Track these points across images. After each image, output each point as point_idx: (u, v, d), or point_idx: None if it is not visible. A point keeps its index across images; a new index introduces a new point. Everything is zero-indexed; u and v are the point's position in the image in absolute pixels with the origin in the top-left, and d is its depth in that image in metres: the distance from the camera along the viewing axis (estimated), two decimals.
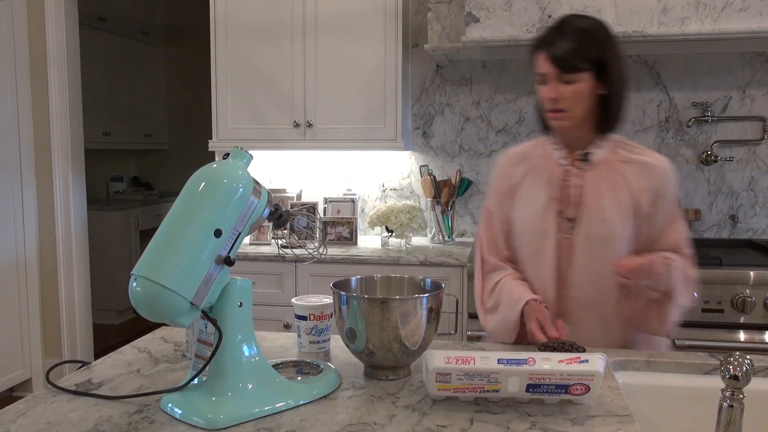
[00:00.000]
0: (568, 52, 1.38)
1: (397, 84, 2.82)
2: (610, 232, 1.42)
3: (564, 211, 1.46)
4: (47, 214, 3.47)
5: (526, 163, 1.54)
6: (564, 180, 1.47)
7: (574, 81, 1.39)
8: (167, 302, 0.97)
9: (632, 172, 1.44)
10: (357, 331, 1.17)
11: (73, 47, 3.47)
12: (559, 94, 1.39)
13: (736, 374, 0.95)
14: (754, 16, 2.34)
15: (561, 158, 1.49)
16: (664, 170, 1.44)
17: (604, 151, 1.46)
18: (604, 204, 1.43)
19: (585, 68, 1.38)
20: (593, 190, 1.44)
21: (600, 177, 1.45)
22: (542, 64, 1.42)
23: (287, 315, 2.63)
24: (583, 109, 1.41)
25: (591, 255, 1.43)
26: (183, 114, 5.83)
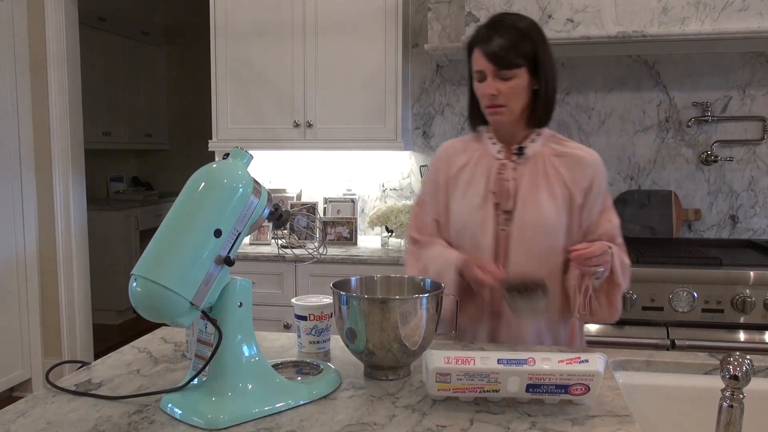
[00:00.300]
0: (504, 49, 1.42)
1: (397, 84, 2.82)
2: (545, 222, 1.46)
3: (501, 203, 1.49)
4: (47, 214, 3.47)
5: (464, 156, 1.57)
6: (500, 173, 1.51)
7: (512, 77, 1.43)
8: (167, 302, 0.97)
9: (565, 165, 1.49)
10: (357, 331, 1.17)
11: (73, 47, 3.47)
12: (497, 90, 1.43)
13: (736, 374, 0.95)
14: (754, 16, 2.34)
15: (497, 152, 1.53)
16: (595, 163, 1.50)
17: (537, 145, 1.51)
18: (539, 195, 1.47)
19: (521, 64, 1.43)
20: (528, 183, 1.48)
21: (534, 170, 1.49)
22: (479, 61, 1.45)
23: (287, 315, 2.63)
24: (520, 104, 1.46)
25: (527, 245, 1.47)
26: (183, 114, 5.83)
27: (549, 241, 1.46)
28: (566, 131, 2.98)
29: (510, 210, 1.48)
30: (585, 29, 2.44)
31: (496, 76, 1.43)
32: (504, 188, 1.49)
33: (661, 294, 2.30)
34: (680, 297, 2.28)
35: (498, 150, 1.54)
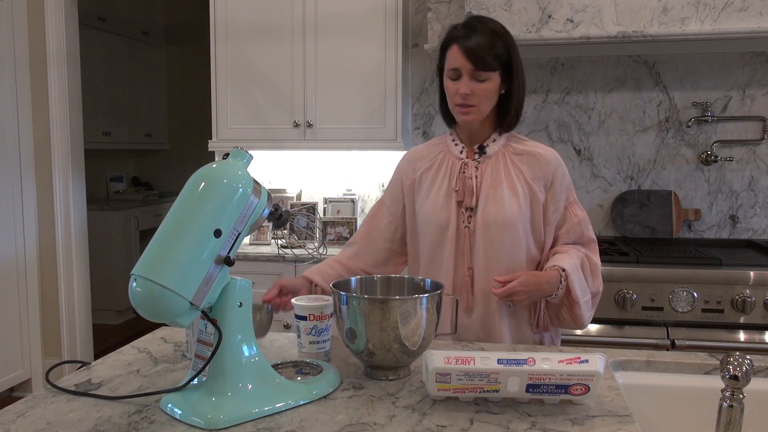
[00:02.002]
0: (483, 48, 1.45)
1: (397, 84, 2.82)
2: (507, 218, 1.48)
3: (463, 201, 1.52)
4: (47, 214, 3.47)
5: (426, 160, 1.61)
6: (462, 172, 1.54)
7: (486, 79, 1.46)
8: (167, 302, 0.97)
9: (524, 162, 1.53)
10: (357, 331, 1.17)
11: (73, 47, 3.47)
12: (471, 90, 1.45)
13: (736, 374, 0.95)
14: (754, 16, 2.34)
15: (459, 152, 1.57)
16: (554, 160, 1.54)
17: (498, 145, 1.55)
18: (501, 192, 1.50)
19: (496, 68, 1.46)
20: (490, 180, 1.52)
21: (496, 167, 1.53)
22: (457, 58, 1.46)
23: (287, 315, 2.63)
24: (489, 106, 1.50)
25: (490, 241, 1.49)
26: (183, 114, 5.83)
27: (512, 236, 1.49)
28: (566, 131, 2.98)
29: (472, 207, 1.52)
30: (585, 29, 2.44)
31: (471, 76, 1.46)
32: (467, 185, 1.52)
33: (661, 294, 2.30)
34: (680, 297, 2.28)
35: (460, 150, 1.57)
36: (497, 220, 1.49)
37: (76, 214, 3.52)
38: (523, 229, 1.50)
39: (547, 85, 2.99)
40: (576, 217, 1.55)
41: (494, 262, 1.49)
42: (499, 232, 1.49)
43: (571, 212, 1.55)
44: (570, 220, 1.55)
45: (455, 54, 1.47)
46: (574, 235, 1.55)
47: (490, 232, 1.49)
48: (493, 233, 1.49)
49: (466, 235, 1.52)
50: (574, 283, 1.45)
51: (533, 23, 2.47)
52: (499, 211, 1.49)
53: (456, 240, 1.53)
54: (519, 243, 1.50)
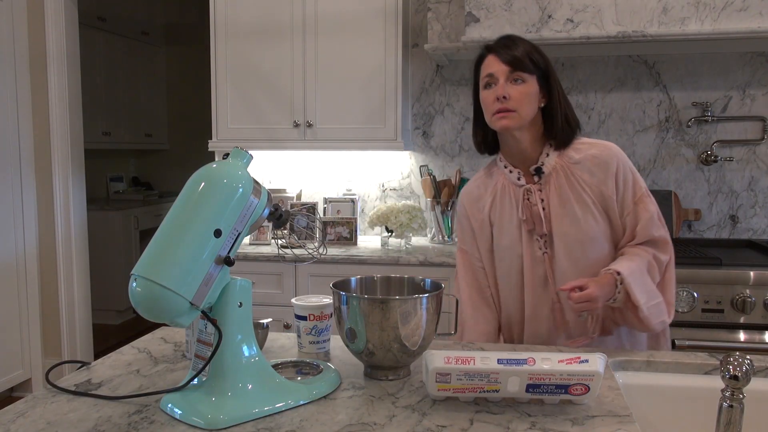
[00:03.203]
0: (521, 53, 1.42)
1: (397, 84, 2.82)
2: (585, 235, 1.44)
3: (535, 229, 1.47)
4: (47, 214, 3.47)
5: (487, 195, 1.55)
6: (527, 199, 1.48)
7: (523, 81, 1.42)
8: (167, 302, 0.97)
9: (585, 170, 1.45)
10: (357, 331, 1.17)
11: (73, 47, 3.47)
12: (508, 92, 1.41)
13: (736, 374, 0.95)
14: (754, 16, 2.34)
15: (517, 179, 1.51)
16: (611, 156, 1.46)
17: (552, 159, 1.48)
18: (571, 209, 1.44)
19: (533, 71, 1.43)
20: (557, 200, 1.46)
21: (559, 185, 1.47)
22: (492, 65, 1.44)
23: (287, 315, 2.63)
24: (528, 112, 1.43)
25: (572, 262, 1.45)
26: (183, 114, 5.83)
27: (594, 252, 1.44)
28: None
29: (546, 233, 1.46)
30: (585, 29, 2.44)
31: (508, 79, 1.41)
32: (534, 213, 1.47)
33: None
34: (680, 297, 2.28)
35: (517, 177, 1.51)
36: (577, 239, 1.44)
37: (76, 214, 3.52)
38: (605, 240, 1.45)
39: None
40: (647, 213, 1.45)
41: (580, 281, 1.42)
42: (580, 251, 1.44)
43: (643, 207, 1.46)
44: (642, 216, 1.45)
45: (490, 62, 1.44)
46: (645, 233, 1.45)
47: (570, 254, 1.44)
48: (576, 253, 1.44)
49: (545, 260, 1.47)
50: (632, 286, 1.35)
51: (533, 23, 2.47)
52: (575, 230, 1.44)
53: (533, 269, 1.48)
54: (602, 257, 1.45)
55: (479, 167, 3.07)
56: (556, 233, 1.46)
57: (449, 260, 2.56)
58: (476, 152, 3.14)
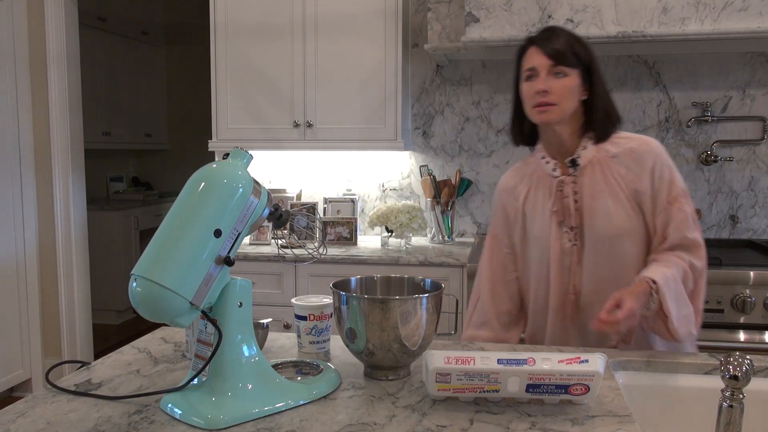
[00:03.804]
0: (563, 46, 1.40)
1: (397, 84, 2.82)
2: (615, 230, 1.41)
3: (565, 220, 1.46)
4: (47, 214, 3.47)
5: (523, 185, 1.55)
6: (560, 191, 1.47)
7: (565, 75, 1.40)
8: (167, 302, 0.97)
9: (622, 164, 1.43)
10: (357, 331, 1.17)
11: (73, 47, 3.47)
12: (549, 86, 1.39)
13: (736, 374, 0.95)
14: (754, 16, 2.34)
15: (552, 170, 1.50)
16: (649, 151, 1.43)
17: (590, 152, 1.46)
18: (603, 204, 1.43)
19: (575, 64, 1.40)
20: (590, 193, 1.44)
21: (593, 179, 1.45)
22: (534, 57, 1.42)
23: (287, 315, 2.63)
24: (569, 106, 1.42)
25: (601, 256, 1.43)
26: (183, 114, 5.83)
27: (624, 247, 1.42)
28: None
29: (576, 226, 1.45)
30: (585, 29, 2.44)
31: (549, 72, 1.39)
32: (564, 205, 1.46)
33: None
34: None
35: (552, 168, 1.50)
36: (606, 234, 1.42)
37: (76, 214, 3.52)
38: (636, 238, 1.43)
39: None
40: (682, 213, 1.41)
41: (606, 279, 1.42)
42: (609, 246, 1.42)
43: (678, 207, 1.41)
44: (676, 216, 1.40)
45: (532, 54, 1.42)
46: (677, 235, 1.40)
47: (599, 248, 1.43)
48: (605, 247, 1.42)
49: (573, 253, 1.46)
50: (666, 296, 1.31)
51: (533, 23, 2.47)
52: (606, 224, 1.42)
53: (561, 261, 1.47)
54: (633, 253, 1.42)
55: (479, 167, 3.08)
56: (586, 226, 1.44)
57: (449, 260, 2.56)
58: (476, 152, 3.16)
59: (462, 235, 3.13)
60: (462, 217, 3.11)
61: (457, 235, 3.09)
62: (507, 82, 3.01)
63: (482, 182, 3.09)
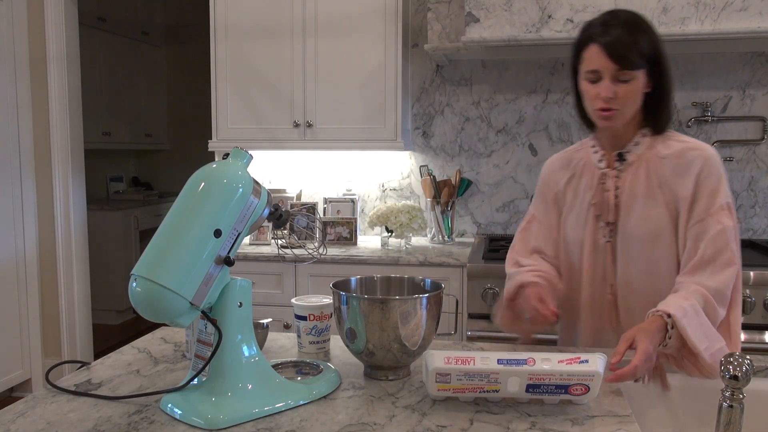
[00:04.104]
0: (627, 46, 1.31)
1: (397, 84, 2.82)
2: (649, 233, 1.37)
3: (602, 215, 1.42)
4: (47, 214, 3.47)
5: (568, 170, 1.50)
6: (602, 183, 1.43)
7: (630, 79, 1.32)
8: (167, 302, 0.97)
9: (668, 166, 1.37)
10: (357, 331, 1.17)
11: (73, 47, 3.47)
12: (614, 93, 1.32)
13: (736, 374, 0.95)
14: (754, 16, 2.34)
15: (598, 161, 1.45)
16: (699, 157, 1.35)
17: (641, 149, 1.40)
18: (641, 204, 1.38)
19: (642, 66, 1.32)
20: (630, 191, 1.39)
21: (636, 176, 1.39)
22: (596, 59, 1.33)
23: (287, 315, 2.63)
24: (633, 108, 1.37)
25: (632, 257, 1.39)
26: (183, 114, 5.83)
27: (656, 251, 1.37)
28: (566, 131, 2.98)
29: (613, 221, 1.40)
30: None
31: (614, 77, 1.32)
32: (604, 199, 1.41)
33: None
34: None
35: (599, 159, 1.45)
36: (638, 235, 1.37)
37: (76, 214, 3.52)
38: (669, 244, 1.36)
39: (547, 85, 2.99)
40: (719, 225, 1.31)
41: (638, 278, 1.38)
42: (641, 248, 1.37)
43: (716, 220, 1.31)
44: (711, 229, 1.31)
45: (594, 54, 1.33)
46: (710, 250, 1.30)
47: (631, 249, 1.38)
48: (635, 249, 1.38)
49: (608, 250, 1.41)
50: (687, 330, 1.19)
51: (533, 23, 2.47)
52: (639, 225, 1.37)
53: (594, 256, 1.42)
54: (665, 257, 1.37)
55: (479, 167, 3.08)
56: (621, 224, 1.40)
57: (449, 260, 2.56)
58: (476, 152, 3.17)
59: (462, 235, 3.13)
60: (462, 217, 3.11)
61: (457, 235, 3.09)
62: (507, 82, 3.03)
63: (482, 182, 3.09)
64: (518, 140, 3.03)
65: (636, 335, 1.18)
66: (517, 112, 3.03)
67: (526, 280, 1.40)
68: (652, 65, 1.34)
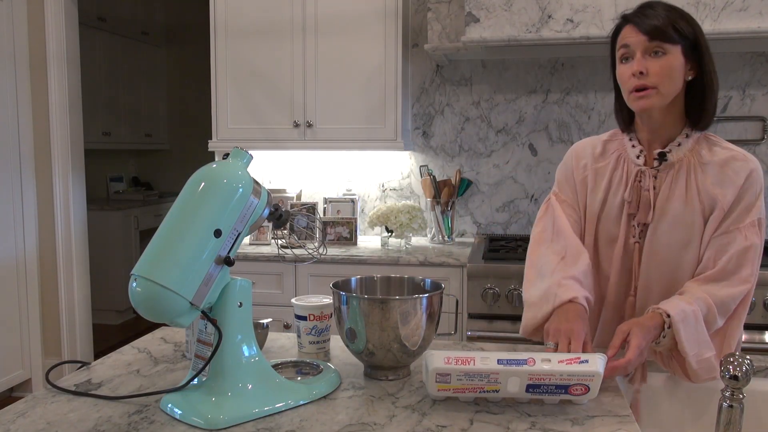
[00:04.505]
0: (662, 21, 1.25)
1: (397, 84, 2.82)
2: (678, 240, 1.32)
3: (638, 215, 1.35)
4: (47, 214, 3.47)
5: (601, 158, 1.42)
6: (638, 181, 1.36)
7: (664, 53, 1.26)
8: (167, 302, 0.97)
9: (710, 173, 1.31)
10: (357, 331, 1.17)
11: (73, 47, 3.47)
12: (645, 67, 1.26)
13: (736, 374, 0.95)
14: (754, 16, 2.34)
15: (636, 156, 1.37)
16: (745, 167, 1.30)
17: (684, 150, 1.34)
18: (674, 209, 1.32)
19: (676, 40, 1.26)
20: (666, 194, 1.33)
21: (675, 180, 1.33)
22: (628, 34, 1.28)
23: (287, 315, 2.63)
24: (673, 88, 1.29)
25: (658, 262, 1.35)
26: (183, 114, 5.83)
27: (683, 258, 1.32)
28: (566, 131, 2.98)
29: (645, 222, 1.34)
30: (585, 29, 2.44)
31: (645, 51, 1.26)
32: (643, 199, 1.34)
33: None
34: None
35: (637, 154, 1.37)
36: (668, 242, 1.32)
37: (76, 214, 3.52)
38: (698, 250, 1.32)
39: (547, 85, 2.98)
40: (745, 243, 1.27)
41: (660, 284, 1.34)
42: (668, 254, 1.33)
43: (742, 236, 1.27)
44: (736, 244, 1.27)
45: (627, 32, 1.29)
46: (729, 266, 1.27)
47: (658, 254, 1.33)
48: (662, 253, 1.33)
49: (636, 251, 1.36)
50: (681, 333, 1.19)
51: (533, 23, 2.47)
52: (670, 231, 1.32)
53: (623, 256, 1.37)
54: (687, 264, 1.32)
55: (479, 167, 3.08)
56: (652, 228, 1.34)
57: (449, 260, 2.56)
58: (476, 152, 3.17)
59: (462, 235, 3.13)
60: (462, 217, 3.11)
61: (457, 235, 3.09)
62: (507, 82, 3.03)
63: (482, 182, 3.09)
64: (518, 140, 3.03)
65: (632, 329, 1.18)
66: (517, 112, 3.03)
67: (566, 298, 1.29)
68: (690, 47, 1.29)
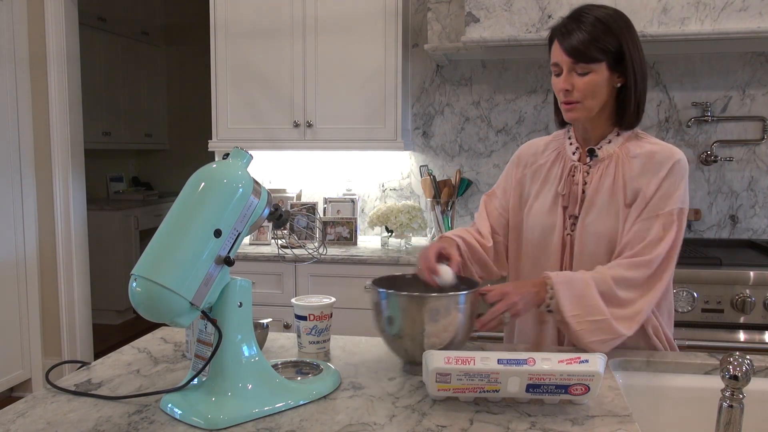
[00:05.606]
0: (583, 43, 1.33)
1: (397, 84, 2.82)
2: (605, 231, 1.39)
3: (568, 207, 1.44)
4: (47, 214, 3.47)
5: (541, 156, 1.53)
6: (571, 176, 1.45)
7: (588, 72, 1.35)
8: (167, 302, 0.97)
9: (636, 165, 1.39)
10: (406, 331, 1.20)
11: (73, 47, 3.47)
12: (571, 85, 1.36)
13: (736, 374, 0.95)
14: (754, 16, 2.34)
15: (572, 153, 1.48)
16: (669, 159, 1.37)
17: (613, 146, 1.43)
18: (602, 201, 1.40)
19: (599, 59, 1.34)
20: (595, 187, 1.42)
21: (604, 173, 1.42)
22: (556, 53, 1.38)
23: (287, 315, 2.63)
24: (597, 102, 1.38)
25: (589, 253, 1.41)
26: (183, 114, 5.83)
27: (610, 249, 1.38)
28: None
29: (577, 215, 1.43)
30: None
31: (571, 70, 1.35)
32: (573, 192, 1.44)
33: None
34: (680, 297, 2.28)
35: (573, 151, 1.48)
36: (596, 232, 1.39)
37: (76, 214, 3.53)
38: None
39: (547, 85, 2.98)
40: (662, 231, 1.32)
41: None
42: (596, 245, 1.39)
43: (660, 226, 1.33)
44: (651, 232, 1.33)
45: (556, 49, 1.38)
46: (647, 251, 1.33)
47: (588, 244, 1.40)
48: (591, 245, 1.40)
49: (568, 243, 1.44)
50: (561, 295, 1.27)
51: (533, 23, 2.47)
52: (597, 223, 1.39)
53: (561, 248, 1.45)
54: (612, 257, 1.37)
55: (479, 167, 3.08)
56: (582, 219, 1.42)
57: None
58: (476, 152, 3.17)
59: None
60: (462, 217, 3.11)
61: None
62: (507, 82, 3.03)
63: (482, 182, 3.09)
64: (518, 140, 3.03)
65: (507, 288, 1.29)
66: (517, 112, 3.03)
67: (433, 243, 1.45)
68: (615, 60, 1.35)
